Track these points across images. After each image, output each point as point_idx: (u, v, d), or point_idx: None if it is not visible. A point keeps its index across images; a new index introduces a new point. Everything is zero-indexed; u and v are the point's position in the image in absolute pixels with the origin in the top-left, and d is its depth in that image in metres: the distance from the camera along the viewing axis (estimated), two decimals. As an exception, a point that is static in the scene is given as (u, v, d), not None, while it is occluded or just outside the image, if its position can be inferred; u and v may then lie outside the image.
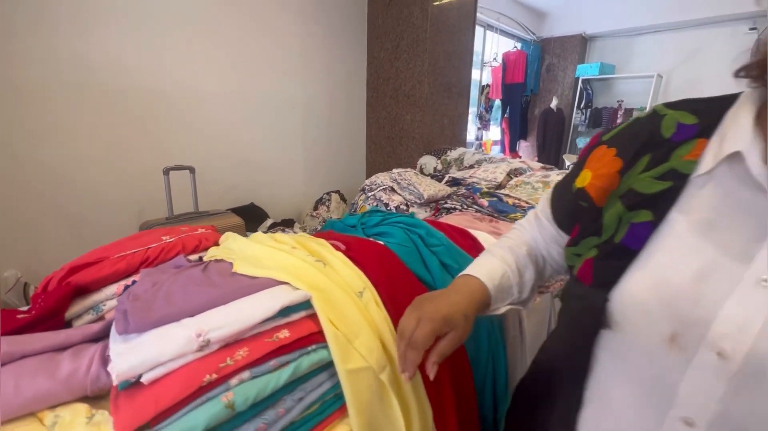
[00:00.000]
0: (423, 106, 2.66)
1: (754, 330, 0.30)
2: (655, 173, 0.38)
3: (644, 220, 0.38)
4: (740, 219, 0.34)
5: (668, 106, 0.42)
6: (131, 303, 0.42)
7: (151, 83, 1.84)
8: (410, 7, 2.57)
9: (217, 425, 0.35)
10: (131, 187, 1.87)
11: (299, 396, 0.40)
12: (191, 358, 0.38)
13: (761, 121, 0.35)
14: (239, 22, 2.10)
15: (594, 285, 0.40)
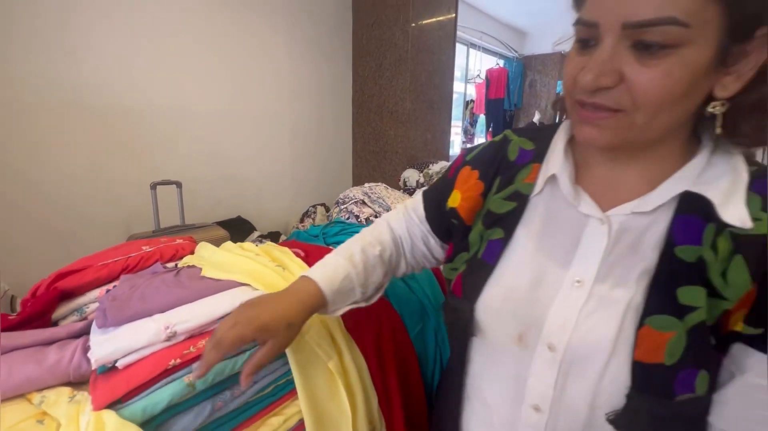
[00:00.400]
0: (406, 121, 2.77)
1: (571, 324, 0.37)
2: (504, 194, 0.44)
3: (497, 237, 0.43)
4: (561, 232, 0.40)
5: (515, 132, 0.49)
6: (109, 302, 0.49)
7: (138, 101, 1.90)
8: (392, 28, 2.70)
9: (179, 401, 0.42)
10: (118, 202, 1.92)
11: (254, 380, 0.47)
12: (160, 347, 0.45)
13: (572, 146, 0.42)
14: (226, 41, 2.19)
15: (464, 297, 0.44)
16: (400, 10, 2.63)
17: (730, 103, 0.33)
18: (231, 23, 2.21)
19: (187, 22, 2.02)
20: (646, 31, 0.29)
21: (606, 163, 0.40)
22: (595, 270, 0.37)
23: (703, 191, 0.34)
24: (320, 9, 2.69)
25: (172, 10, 1.95)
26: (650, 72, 0.30)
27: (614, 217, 0.37)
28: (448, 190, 0.50)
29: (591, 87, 0.32)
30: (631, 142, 0.35)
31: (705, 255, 0.33)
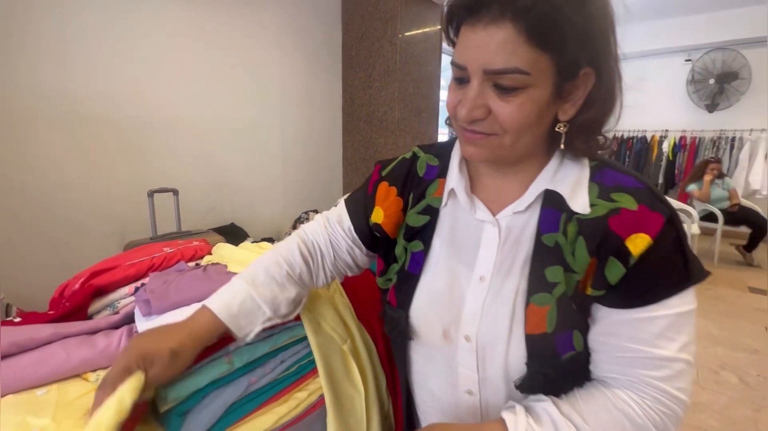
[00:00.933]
0: (395, 129, 2.87)
1: (478, 315, 0.44)
2: (418, 209, 0.50)
3: (418, 250, 0.49)
4: (465, 237, 0.47)
5: (422, 148, 0.54)
6: (150, 294, 0.54)
7: (133, 111, 1.93)
8: (380, 41, 2.81)
9: (220, 377, 0.48)
10: (112, 210, 1.94)
11: (281, 360, 0.54)
12: (199, 332, 0.50)
13: (466, 161, 0.50)
14: (219, 52, 2.25)
15: (398, 306, 0.50)
16: (388, 24, 2.74)
17: (569, 124, 0.42)
18: (224, 36, 2.27)
19: (182, 35, 2.08)
20: (500, 77, 0.37)
21: (492, 173, 0.48)
22: (492, 266, 0.44)
23: (556, 187, 0.42)
24: (311, 23, 2.77)
25: (166, 22, 2.00)
26: (509, 106, 0.38)
27: (502, 219, 0.45)
28: (371, 205, 0.54)
29: (467, 119, 0.40)
30: (504, 157, 0.43)
31: (559, 240, 0.41)
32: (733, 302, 2.63)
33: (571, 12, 0.35)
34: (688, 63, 4.33)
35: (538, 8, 0.34)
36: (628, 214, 0.39)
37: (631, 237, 0.38)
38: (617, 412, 0.39)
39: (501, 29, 0.35)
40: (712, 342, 2.10)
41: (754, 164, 3.95)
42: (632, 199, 0.39)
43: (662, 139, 4.55)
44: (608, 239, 0.39)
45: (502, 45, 0.36)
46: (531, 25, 0.35)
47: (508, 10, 0.35)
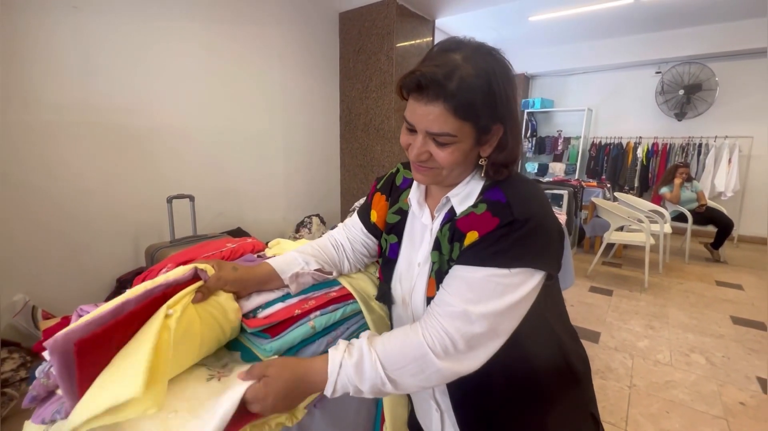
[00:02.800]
0: (391, 138, 3.04)
1: (413, 287, 0.64)
2: (393, 209, 0.70)
3: (394, 241, 0.68)
4: (417, 234, 0.66)
5: (403, 165, 0.74)
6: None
7: (148, 122, 2.04)
8: (377, 54, 2.98)
9: (306, 338, 0.62)
10: (130, 215, 2.03)
11: (347, 327, 0.68)
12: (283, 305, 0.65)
13: None
14: (226, 66, 2.39)
15: (384, 281, 0.70)
16: (384, 39, 2.92)
17: (488, 159, 0.58)
18: (232, 51, 2.40)
19: (194, 50, 2.20)
20: (437, 137, 0.53)
21: (437, 187, 0.65)
22: (425, 255, 0.62)
23: (451, 197, 0.60)
24: (311, 37, 2.93)
25: (180, 39, 2.13)
26: (443, 153, 0.54)
27: (436, 222, 0.63)
28: (369, 210, 0.74)
29: (416, 160, 0.57)
30: (442, 182, 0.60)
31: (439, 235, 0.59)
32: (702, 294, 2.88)
33: (482, 95, 0.51)
34: (658, 75, 4.67)
35: (459, 95, 0.50)
36: (473, 217, 0.55)
37: (469, 232, 0.55)
38: (411, 338, 0.53)
39: (436, 107, 0.51)
40: (684, 329, 2.33)
41: (719, 168, 4.29)
42: (484, 207, 0.55)
43: (636, 145, 4.87)
44: (455, 233, 0.56)
45: (437, 117, 0.51)
46: (455, 106, 0.51)
47: (440, 95, 0.50)
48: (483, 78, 0.51)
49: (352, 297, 0.70)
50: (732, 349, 2.10)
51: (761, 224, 4.37)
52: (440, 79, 0.50)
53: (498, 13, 3.88)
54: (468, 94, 0.50)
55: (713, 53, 4.23)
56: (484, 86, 0.51)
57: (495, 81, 0.52)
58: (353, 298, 0.70)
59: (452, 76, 0.50)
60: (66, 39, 1.73)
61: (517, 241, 0.51)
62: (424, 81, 0.50)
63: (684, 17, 3.94)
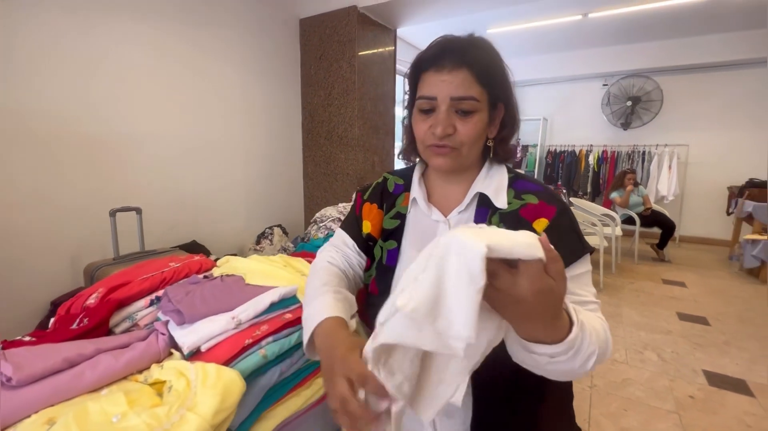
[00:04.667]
0: (355, 146, 3.00)
1: None
2: (391, 215, 0.67)
3: (392, 247, 0.65)
4: (425, 233, 0.64)
5: (390, 173, 0.74)
6: (179, 305, 0.61)
7: (90, 129, 1.88)
8: (339, 61, 2.95)
9: (258, 368, 0.56)
10: (69, 230, 1.85)
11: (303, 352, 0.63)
12: (233, 332, 0.59)
13: (424, 178, 0.69)
14: (180, 70, 2.25)
15: (379, 294, 0.62)
16: (346, 46, 2.89)
17: (494, 140, 0.62)
18: (187, 54, 2.27)
19: (144, 52, 2.06)
20: (461, 103, 0.55)
21: (442, 184, 0.66)
22: None
23: (485, 190, 0.60)
24: (270, 42, 2.84)
25: (128, 40, 1.98)
26: (467, 125, 0.56)
27: (451, 218, 0.62)
28: (360, 222, 0.70)
29: (442, 134, 0.56)
30: (460, 164, 0.60)
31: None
32: (650, 292, 3.06)
33: (494, 66, 0.58)
34: (605, 87, 4.99)
35: (480, 62, 0.56)
36: (532, 206, 0.57)
37: (536, 221, 0.55)
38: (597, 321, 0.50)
39: (460, 72, 0.55)
40: (636, 327, 2.45)
41: (661, 174, 4.62)
42: (534, 197, 0.58)
43: (588, 152, 5.15)
44: (521, 223, 0.56)
45: (462, 81, 0.55)
46: (477, 72, 0.55)
47: (464, 62, 0.55)
48: (493, 53, 0.58)
49: (310, 318, 0.65)
50: (680, 345, 2.23)
51: (699, 225, 4.75)
52: (465, 46, 0.56)
53: (459, 25, 3.93)
54: (486, 62, 0.56)
55: (655, 67, 4.58)
56: (496, 59, 0.58)
57: (500, 58, 0.59)
58: (311, 319, 0.65)
59: (472, 46, 0.57)
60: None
61: (576, 226, 0.57)
62: (452, 46, 0.56)
63: (629, 34, 4.24)
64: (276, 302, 0.65)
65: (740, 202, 3.76)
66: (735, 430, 1.54)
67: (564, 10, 3.62)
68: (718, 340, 2.28)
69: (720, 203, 4.53)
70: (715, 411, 1.66)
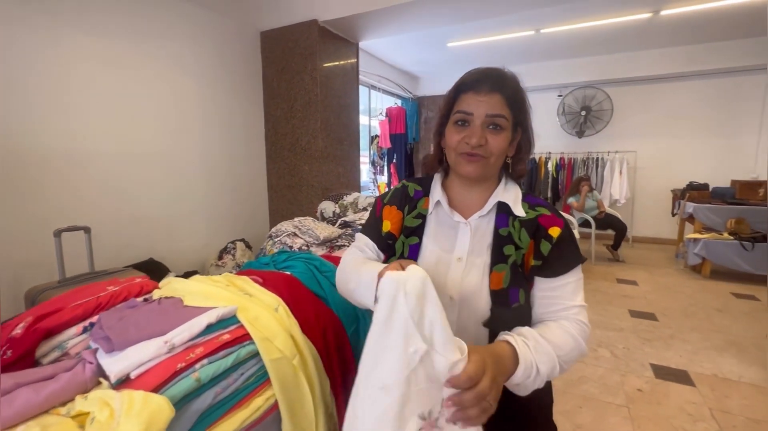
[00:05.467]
0: (319, 157, 3.01)
1: (459, 282, 0.67)
2: (413, 215, 0.76)
3: (414, 242, 0.73)
4: (445, 232, 0.73)
5: (408, 180, 0.82)
6: (109, 331, 0.59)
7: (32, 145, 1.79)
8: (301, 74, 2.96)
9: (191, 392, 0.56)
10: (9, 253, 1.74)
11: (241, 373, 0.63)
12: (165, 357, 0.58)
13: (444, 186, 0.77)
14: (132, 82, 2.19)
15: None
16: (308, 59, 2.91)
17: (512, 159, 0.73)
18: (139, 65, 2.21)
19: (91, 62, 1.99)
20: (494, 119, 0.66)
21: (462, 191, 0.75)
22: (466, 250, 0.69)
23: (505, 199, 0.70)
24: (230, 55, 2.82)
25: (72, 49, 1.90)
26: (497, 138, 0.67)
27: (472, 221, 0.71)
28: (380, 223, 0.77)
29: (477, 144, 0.66)
30: (485, 173, 0.70)
31: (510, 230, 0.68)
32: (605, 292, 3.22)
33: (520, 95, 0.69)
34: (560, 97, 5.26)
35: (511, 90, 0.68)
36: (547, 216, 0.69)
37: (551, 228, 0.67)
38: (564, 330, 0.64)
39: (495, 95, 0.67)
40: (593, 325, 2.56)
41: (613, 179, 4.91)
42: (547, 210, 0.70)
43: (547, 160, 5.39)
44: (539, 229, 0.67)
45: (497, 103, 0.66)
46: (508, 96, 0.67)
47: (498, 87, 0.67)
48: (520, 85, 0.70)
49: (249, 337, 0.65)
50: (630, 340, 2.36)
51: (649, 226, 5.07)
52: (503, 76, 0.68)
53: (419, 39, 4.09)
54: (515, 90, 0.68)
55: (605, 79, 4.88)
56: (521, 90, 0.70)
57: (524, 91, 0.71)
58: (249, 339, 0.65)
59: (506, 76, 0.69)
60: None
61: (574, 238, 0.69)
62: (493, 74, 0.68)
63: (580, 48, 4.51)
64: (213, 323, 0.64)
65: (682, 203, 4.05)
66: (678, 418, 1.65)
67: (518, 26, 3.81)
68: (664, 334, 2.43)
69: (666, 205, 4.86)
70: (660, 401, 1.77)
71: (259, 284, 0.81)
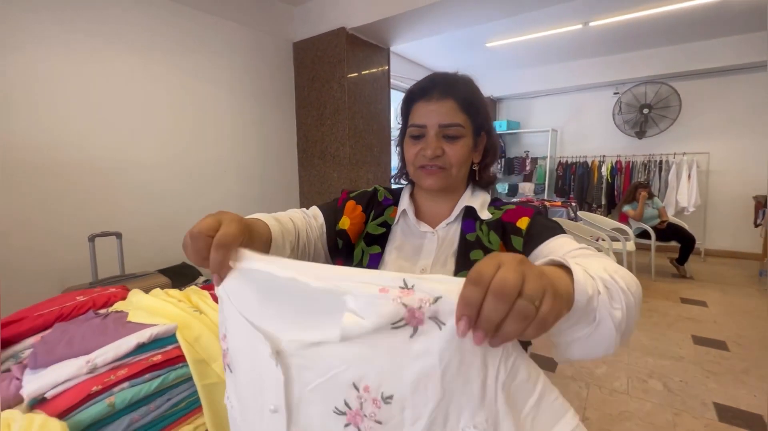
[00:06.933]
0: (347, 164, 3.00)
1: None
2: (377, 222, 0.71)
3: (376, 251, 0.69)
4: (411, 243, 0.69)
5: (381, 187, 0.79)
6: (41, 347, 0.59)
7: (74, 156, 1.95)
8: (330, 82, 2.98)
9: (102, 418, 0.53)
10: (52, 255, 1.91)
11: (168, 397, 0.59)
12: (84, 378, 0.56)
13: (412, 197, 0.73)
14: (167, 93, 2.32)
15: None
16: (336, 67, 2.93)
17: (478, 165, 0.71)
18: (177, 80, 2.35)
19: (126, 75, 2.14)
20: (448, 129, 0.63)
21: (428, 203, 0.72)
22: (431, 260, 0.66)
23: (472, 204, 0.68)
24: (264, 67, 2.92)
25: (109, 62, 2.06)
26: (454, 148, 0.64)
27: (439, 230, 0.69)
28: (339, 215, 0.72)
29: (432, 155, 0.64)
30: (448, 185, 0.67)
31: (478, 234, 0.65)
32: (665, 313, 2.83)
33: (476, 98, 0.67)
34: (616, 95, 4.80)
35: (464, 93, 0.65)
36: (511, 211, 0.66)
37: (518, 221, 0.63)
38: (597, 259, 0.49)
39: (447, 102, 0.64)
40: (643, 352, 2.26)
41: (680, 184, 4.35)
42: (512, 205, 0.68)
43: (601, 163, 4.94)
44: (506, 226, 0.64)
45: (449, 110, 0.63)
46: (461, 101, 0.64)
47: (450, 92, 0.64)
48: (475, 87, 0.68)
49: (183, 359, 0.61)
50: (690, 372, 2.03)
51: (726, 237, 4.41)
52: (451, 80, 0.65)
53: (455, 40, 3.96)
54: (469, 94, 0.66)
55: (670, 73, 4.37)
56: (477, 92, 0.68)
57: (481, 93, 0.69)
58: (184, 361, 0.61)
59: (457, 80, 0.66)
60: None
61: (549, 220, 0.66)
62: (439, 80, 0.65)
63: (637, 40, 4.08)
64: (146, 343, 0.61)
65: (767, 212, 3.47)
66: (744, 476, 1.37)
67: (563, 20, 3.54)
68: (736, 368, 2.06)
69: (747, 214, 4.20)
70: (722, 452, 1.48)
71: (215, 300, 0.78)
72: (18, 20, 1.74)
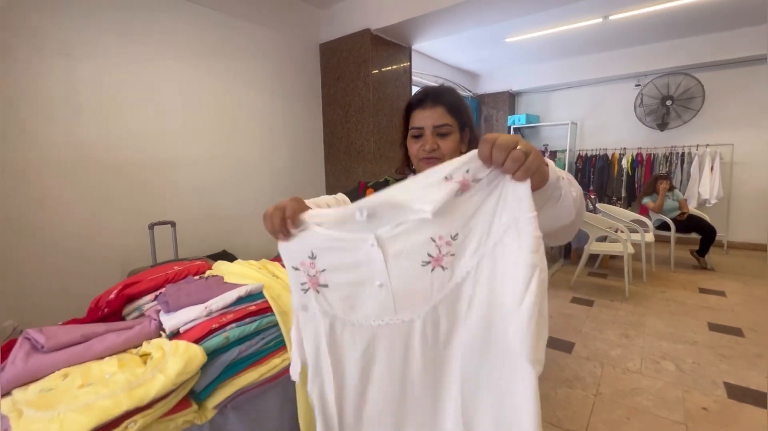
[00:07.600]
0: (372, 159, 3.17)
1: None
2: None
3: None
4: None
5: (391, 177, 0.93)
6: (169, 297, 0.78)
7: (134, 155, 2.19)
8: (355, 81, 3.15)
9: (220, 347, 0.72)
10: (115, 243, 2.16)
11: (262, 337, 0.78)
12: (204, 319, 0.75)
13: None
14: (211, 97, 2.55)
15: None
16: (361, 67, 3.09)
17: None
18: (216, 84, 2.58)
19: (180, 85, 2.37)
20: (440, 128, 0.81)
21: None
22: None
23: None
24: (293, 68, 3.11)
25: (163, 73, 2.29)
26: (446, 142, 0.81)
27: None
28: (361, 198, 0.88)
29: (430, 149, 0.81)
30: None
31: None
32: (683, 302, 2.90)
33: (460, 103, 0.84)
34: (638, 87, 4.79)
35: (450, 100, 0.82)
36: None
37: None
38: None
39: (438, 108, 0.81)
40: (658, 337, 2.36)
41: (702, 176, 4.34)
42: None
43: (621, 156, 4.95)
44: None
45: (440, 115, 0.81)
46: (448, 107, 0.81)
47: (439, 101, 0.81)
48: (458, 95, 0.86)
49: (271, 310, 0.80)
50: (704, 355, 2.12)
51: (749, 229, 4.38)
52: (440, 92, 0.83)
53: (474, 37, 4.05)
54: (454, 100, 0.83)
55: (693, 64, 4.33)
56: (460, 98, 0.85)
57: (463, 99, 0.87)
58: (271, 311, 0.80)
59: (444, 91, 0.84)
60: (58, 83, 1.91)
61: None
62: (430, 92, 0.83)
63: (658, 32, 4.08)
64: (243, 296, 0.80)
65: (792, 204, 3.45)
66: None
67: (582, 14, 3.59)
68: (748, 352, 2.14)
69: (772, 206, 4.16)
70: (728, 424, 1.59)
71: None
72: (80, 31, 1.97)
